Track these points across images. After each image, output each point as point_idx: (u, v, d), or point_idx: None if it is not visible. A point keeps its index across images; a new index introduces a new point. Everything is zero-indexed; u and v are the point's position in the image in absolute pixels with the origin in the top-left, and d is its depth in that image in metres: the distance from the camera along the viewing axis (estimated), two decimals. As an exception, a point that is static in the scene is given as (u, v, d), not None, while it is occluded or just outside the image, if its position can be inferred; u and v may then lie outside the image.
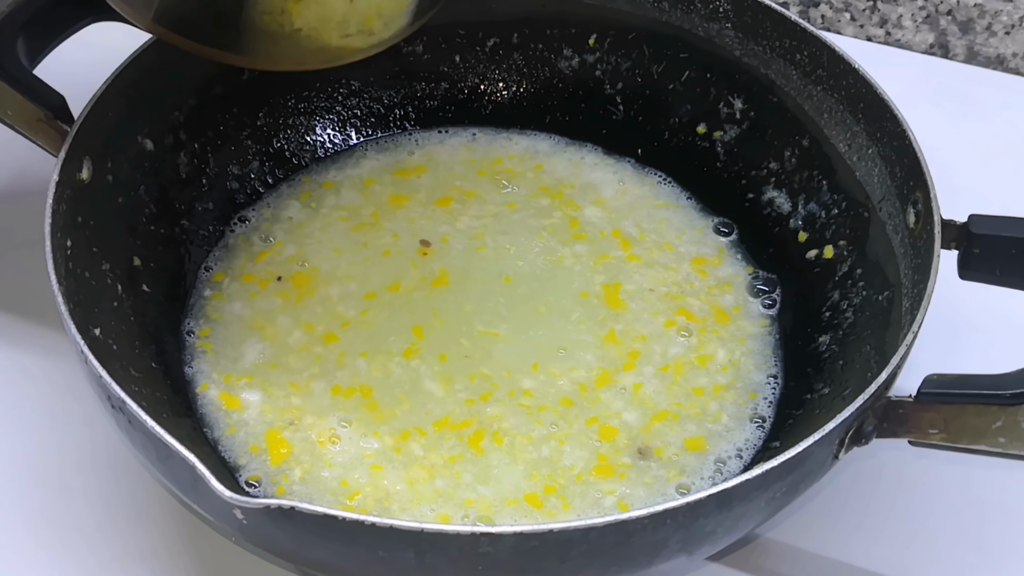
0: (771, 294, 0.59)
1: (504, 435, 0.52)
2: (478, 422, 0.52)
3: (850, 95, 0.56)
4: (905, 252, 0.52)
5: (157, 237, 0.57)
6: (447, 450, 0.51)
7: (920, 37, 0.76)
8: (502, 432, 0.52)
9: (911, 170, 0.52)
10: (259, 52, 0.50)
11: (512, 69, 0.66)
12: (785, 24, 0.59)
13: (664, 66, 0.64)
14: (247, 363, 0.55)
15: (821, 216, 0.59)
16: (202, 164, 0.60)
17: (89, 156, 0.52)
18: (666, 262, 0.60)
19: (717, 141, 0.63)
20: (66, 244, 0.49)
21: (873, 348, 0.51)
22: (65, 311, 0.46)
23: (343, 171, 0.65)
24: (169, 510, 0.53)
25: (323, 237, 0.61)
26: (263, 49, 0.49)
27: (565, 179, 0.65)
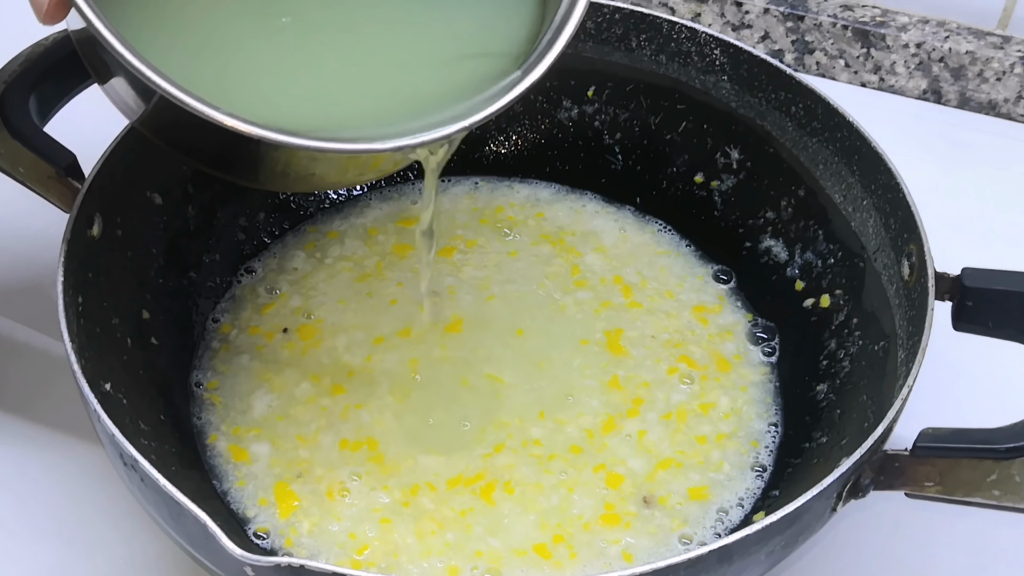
0: (770, 342, 0.60)
1: (516, 485, 0.53)
2: (491, 473, 0.53)
3: (845, 147, 0.57)
4: (900, 303, 0.52)
5: (166, 289, 0.58)
6: (459, 503, 0.52)
7: (913, 83, 0.77)
8: (514, 482, 0.53)
9: (905, 223, 0.53)
10: (269, 183, 0.51)
11: (513, 120, 0.68)
12: (780, 77, 0.60)
13: (662, 117, 0.65)
14: (255, 415, 0.56)
15: (817, 265, 0.60)
16: (210, 216, 0.61)
17: (99, 212, 0.53)
18: (667, 309, 0.61)
19: (715, 190, 0.64)
20: (77, 300, 0.50)
21: (870, 398, 0.52)
22: (78, 368, 0.47)
23: (347, 220, 0.66)
24: (178, 563, 0.53)
25: (328, 288, 0.62)
26: (273, 182, 0.50)
27: (566, 227, 0.66)
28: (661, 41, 0.63)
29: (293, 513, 0.52)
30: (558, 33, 0.45)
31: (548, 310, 0.61)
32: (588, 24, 0.63)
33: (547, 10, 0.48)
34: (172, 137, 0.47)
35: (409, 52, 0.47)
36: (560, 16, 0.46)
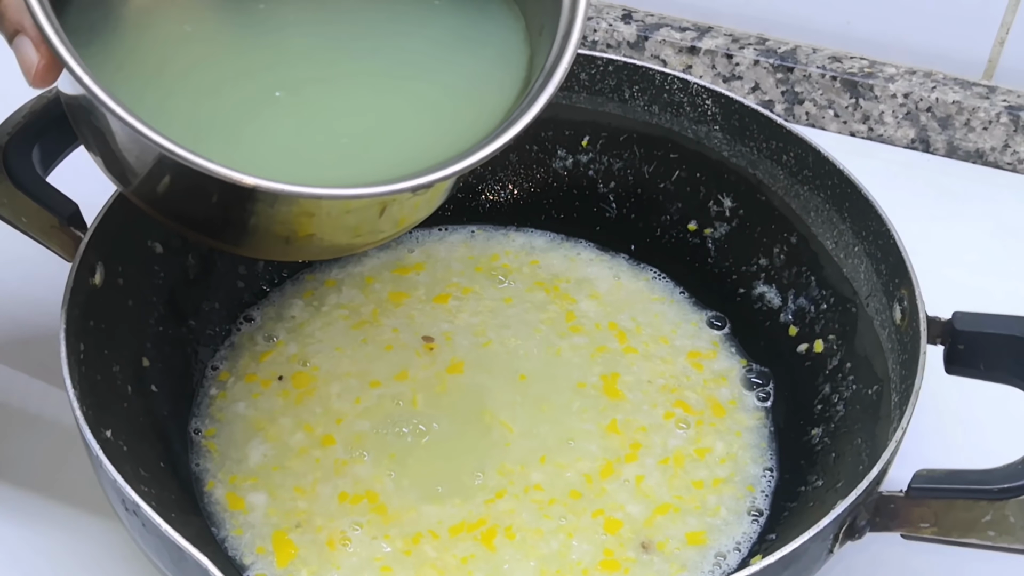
0: (765, 387, 0.60)
1: (516, 531, 0.53)
2: (492, 519, 0.53)
3: (835, 194, 0.58)
4: (893, 347, 0.53)
5: (165, 337, 0.59)
6: (460, 550, 0.52)
7: (902, 132, 0.79)
8: (515, 528, 0.53)
9: (896, 268, 0.54)
10: (261, 250, 0.50)
11: (509, 169, 0.69)
12: (771, 126, 0.61)
13: (655, 166, 0.66)
14: (251, 464, 0.56)
15: (810, 311, 0.60)
16: (209, 265, 0.62)
17: (101, 260, 0.54)
18: (662, 355, 0.62)
19: (708, 238, 0.65)
20: (79, 348, 0.51)
21: (864, 441, 0.52)
22: (80, 415, 0.47)
23: (345, 269, 0.66)
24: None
25: (324, 336, 0.62)
26: (266, 248, 0.49)
27: (561, 274, 0.66)
28: (654, 92, 0.64)
29: (291, 562, 0.52)
30: (546, 82, 0.46)
31: (545, 355, 0.61)
32: (582, 75, 0.64)
33: (535, 60, 0.48)
34: (169, 205, 0.46)
35: (399, 110, 0.47)
36: (549, 64, 0.46)
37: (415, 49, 0.49)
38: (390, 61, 0.48)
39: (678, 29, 0.81)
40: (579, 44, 0.46)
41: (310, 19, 0.48)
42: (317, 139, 0.45)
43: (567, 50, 0.46)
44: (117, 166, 0.45)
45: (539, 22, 0.48)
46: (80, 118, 0.46)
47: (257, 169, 0.41)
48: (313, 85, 0.46)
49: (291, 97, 0.46)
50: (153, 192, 0.45)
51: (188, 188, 0.43)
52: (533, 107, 0.44)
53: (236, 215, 0.45)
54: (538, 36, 0.48)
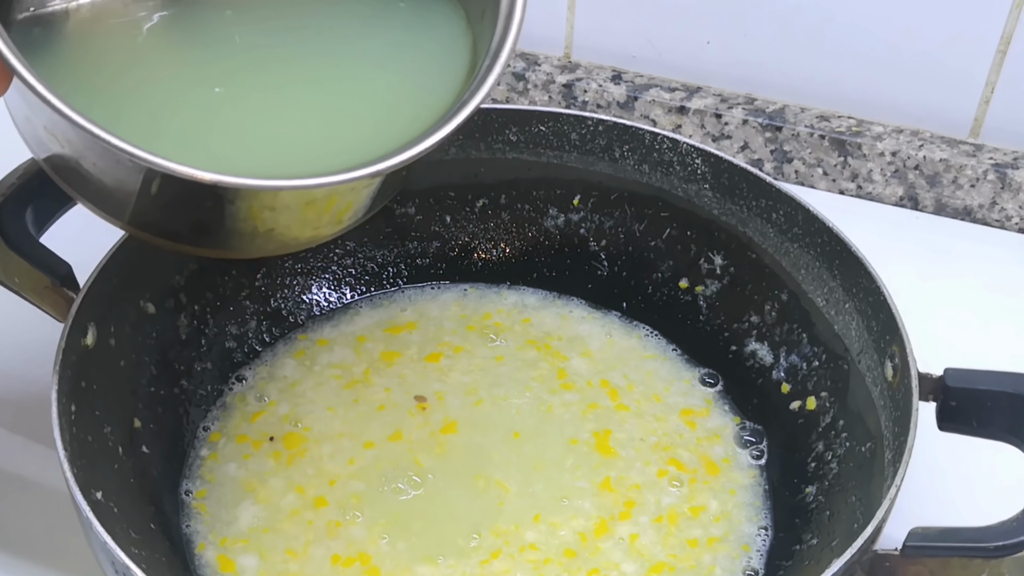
0: (758, 445, 0.60)
1: None
2: None
3: (825, 252, 0.59)
4: (885, 404, 0.53)
5: (157, 398, 0.59)
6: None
7: (890, 190, 0.79)
8: None
9: (887, 325, 0.54)
10: (232, 249, 0.51)
11: (500, 228, 0.69)
12: (760, 185, 0.62)
13: (646, 224, 0.66)
14: (242, 526, 0.55)
15: (803, 368, 0.61)
16: (202, 325, 0.62)
17: (93, 321, 0.54)
18: (655, 413, 0.62)
19: (699, 295, 0.66)
20: (70, 409, 0.51)
21: (858, 499, 0.52)
22: (71, 476, 0.47)
23: (337, 328, 0.66)
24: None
25: (316, 396, 0.62)
26: (236, 246, 0.50)
27: (553, 332, 0.67)
28: (644, 151, 0.65)
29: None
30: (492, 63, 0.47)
31: (537, 412, 0.61)
32: (573, 135, 0.65)
33: (479, 45, 0.49)
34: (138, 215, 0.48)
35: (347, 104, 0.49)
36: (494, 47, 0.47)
37: (359, 44, 0.50)
38: (334, 58, 0.50)
39: (667, 89, 0.82)
40: (523, 21, 0.47)
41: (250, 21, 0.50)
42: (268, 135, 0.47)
43: (510, 30, 0.46)
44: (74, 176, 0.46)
45: (480, 8, 0.49)
46: (31, 134, 0.47)
47: (216, 167, 0.42)
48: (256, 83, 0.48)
49: (239, 96, 0.48)
50: (117, 203, 0.47)
51: (151, 194, 0.44)
52: (481, 89, 0.45)
53: (202, 217, 0.47)
54: (480, 21, 0.49)
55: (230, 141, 0.46)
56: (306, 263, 0.67)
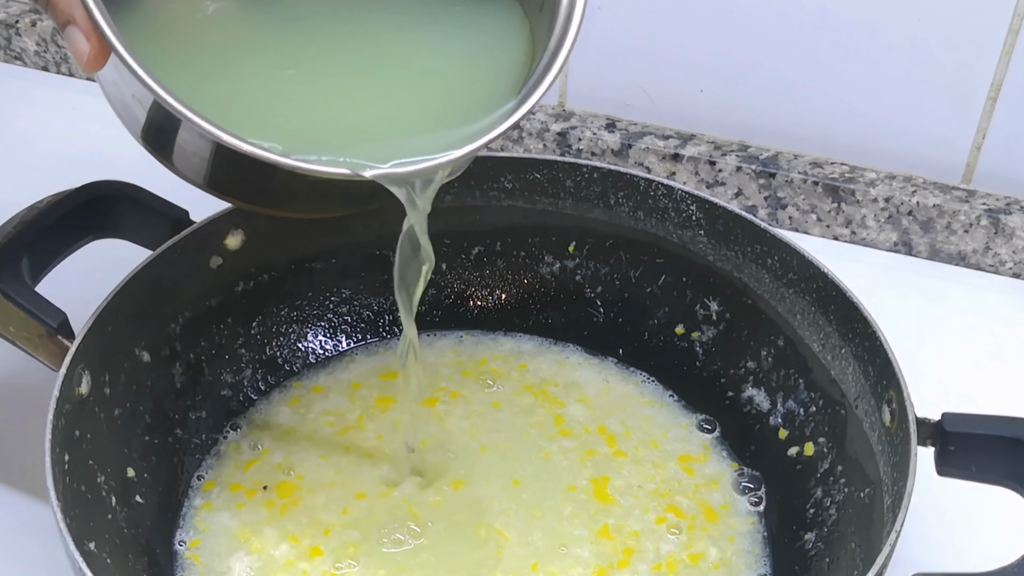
0: (757, 491, 0.60)
1: None
2: None
3: (820, 297, 0.59)
4: (883, 449, 0.53)
5: (151, 447, 0.58)
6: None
7: (884, 236, 0.80)
8: None
9: (883, 370, 0.54)
10: (300, 209, 0.55)
11: (496, 275, 0.69)
12: (755, 231, 0.62)
13: (641, 271, 0.67)
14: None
15: (800, 414, 0.60)
16: (197, 374, 0.62)
17: (88, 370, 0.54)
18: (653, 459, 0.62)
19: (695, 341, 0.66)
20: (64, 458, 0.50)
21: (858, 545, 0.52)
22: (64, 527, 0.46)
23: (332, 376, 0.66)
24: None
25: (309, 444, 0.62)
26: (304, 206, 0.55)
27: (549, 378, 0.66)
28: (639, 198, 0.65)
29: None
30: (551, 62, 0.49)
31: (535, 459, 0.61)
32: (567, 182, 0.65)
33: (536, 36, 0.52)
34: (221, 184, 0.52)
35: (409, 91, 0.51)
36: (553, 45, 0.49)
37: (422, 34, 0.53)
38: (397, 45, 0.53)
39: (661, 137, 0.82)
40: (584, 14, 0.50)
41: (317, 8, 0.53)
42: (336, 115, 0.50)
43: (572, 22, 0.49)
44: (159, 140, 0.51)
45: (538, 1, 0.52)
46: (117, 98, 0.50)
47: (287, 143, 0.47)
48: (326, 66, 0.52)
49: (310, 77, 0.51)
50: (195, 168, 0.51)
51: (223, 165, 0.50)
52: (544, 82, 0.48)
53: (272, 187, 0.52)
54: (538, 13, 0.52)
55: (300, 119, 0.49)
56: (302, 310, 0.67)
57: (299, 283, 0.66)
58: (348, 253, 0.67)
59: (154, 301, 0.59)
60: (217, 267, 0.62)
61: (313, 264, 0.66)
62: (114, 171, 0.62)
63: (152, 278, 0.58)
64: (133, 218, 0.61)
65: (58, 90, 0.92)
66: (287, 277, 0.65)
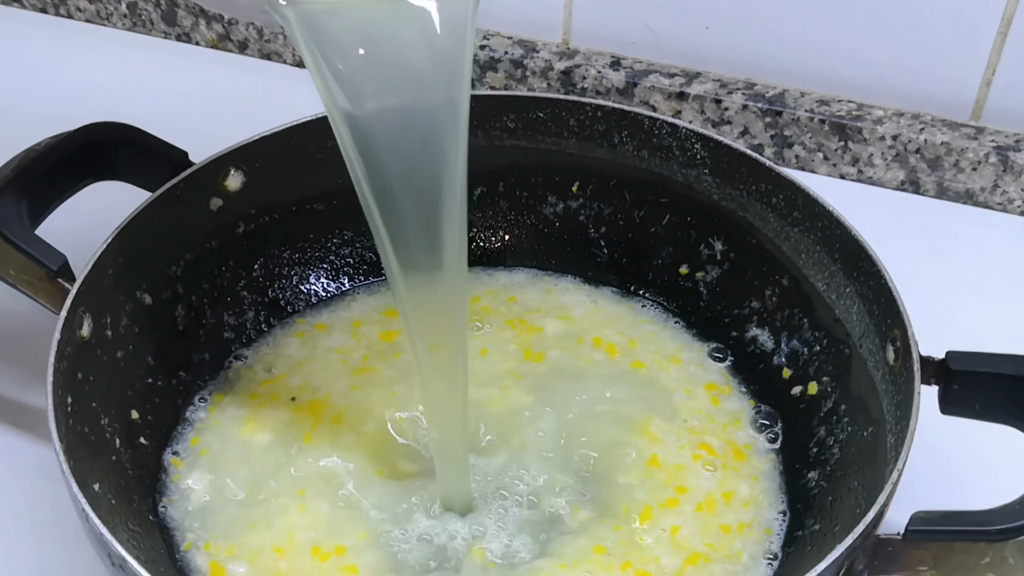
0: (773, 428, 0.60)
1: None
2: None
3: (826, 236, 0.58)
4: (887, 388, 0.53)
5: (155, 390, 0.58)
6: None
7: (891, 174, 0.79)
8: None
9: (888, 309, 0.53)
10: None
11: (498, 216, 0.69)
12: (760, 169, 0.61)
13: (645, 210, 0.66)
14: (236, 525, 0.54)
15: (804, 353, 0.60)
16: (199, 316, 0.62)
17: (89, 313, 0.54)
18: (681, 379, 0.61)
19: (699, 281, 0.65)
20: (67, 401, 0.50)
21: (860, 484, 0.52)
22: (67, 468, 0.46)
23: (335, 314, 0.66)
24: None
25: (325, 372, 0.62)
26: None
27: (533, 307, 0.66)
28: (643, 137, 0.64)
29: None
30: None
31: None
32: (571, 121, 0.65)
33: None
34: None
35: None
36: None
37: None
38: None
39: (666, 75, 0.81)
40: None
41: None
42: None
43: None
44: None
45: None
46: None
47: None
48: None
49: None
50: None
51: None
52: None
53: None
54: None
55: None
56: (304, 252, 0.66)
57: (300, 225, 0.65)
58: (350, 195, 0.65)
59: (154, 243, 0.58)
60: (217, 209, 0.62)
61: (314, 206, 0.65)
62: (113, 113, 0.62)
63: (152, 220, 0.58)
64: (132, 160, 0.61)
65: (56, 32, 0.91)
66: (288, 219, 0.65)
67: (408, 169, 0.44)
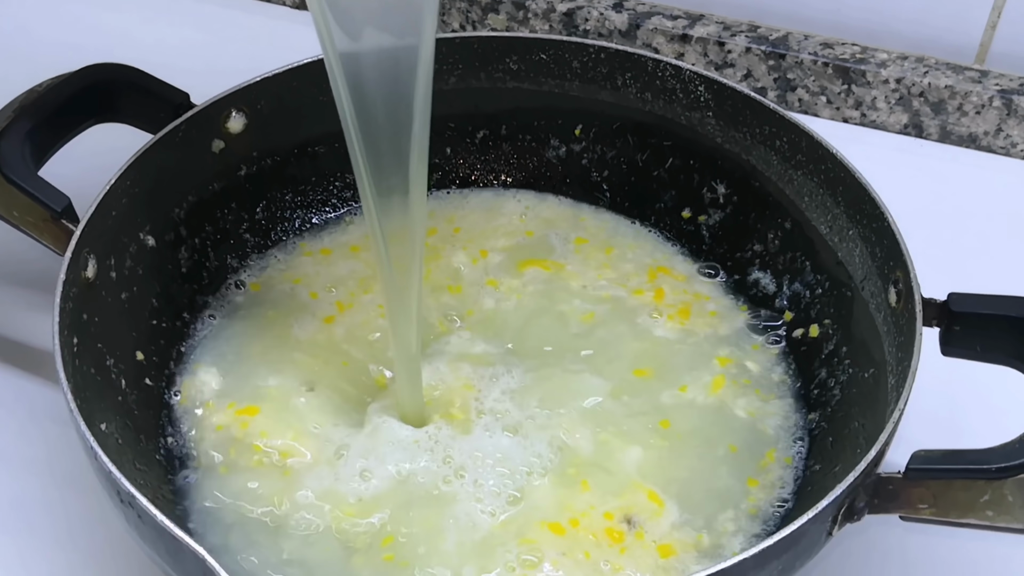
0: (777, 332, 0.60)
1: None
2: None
3: (829, 179, 0.58)
4: (888, 330, 0.53)
5: (160, 331, 0.59)
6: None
7: (894, 118, 0.79)
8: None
9: (891, 251, 0.54)
10: None
11: (501, 159, 0.68)
12: (764, 112, 0.61)
13: (648, 154, 0.66)
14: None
15: (806, 296, 0.60)
16: (202, 258, 0.62)
17: (94, 254, 0.54)
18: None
19: (702, 225, 0.65)
20: (72, 342, 0.51)
21: (861, 425, 0.52)
22: (74, 407, 0.47)
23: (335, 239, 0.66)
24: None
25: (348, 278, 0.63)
26: None
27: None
28: (646, 79, 0.64)
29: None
30: None
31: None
32: (574, 63, 0.64)
33: None
34: None
35: None
36: None
37: None
38: None
39: (669, 17, 0.81)
40: None
41: None
42: None
43: None
44: None
45: None
46: None
47: None
48: None
49: None
50: None
51: None
52: None
53: None
54: None
55: None
56: (305, 196, 0.66)
57: (302, 167, 0.65)
58: (352, 137, 0.66)
59: (157, 185, 0.58)
60: (219, 151, 0.61)
61: (316, 148, 0.65)
62: (114, 55, 0.62)
63: (154, 162, 0.58)
64: (134, 102, 0.60)
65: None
66: (290, 161, 0.65)
67: (388, 103, 0.48)
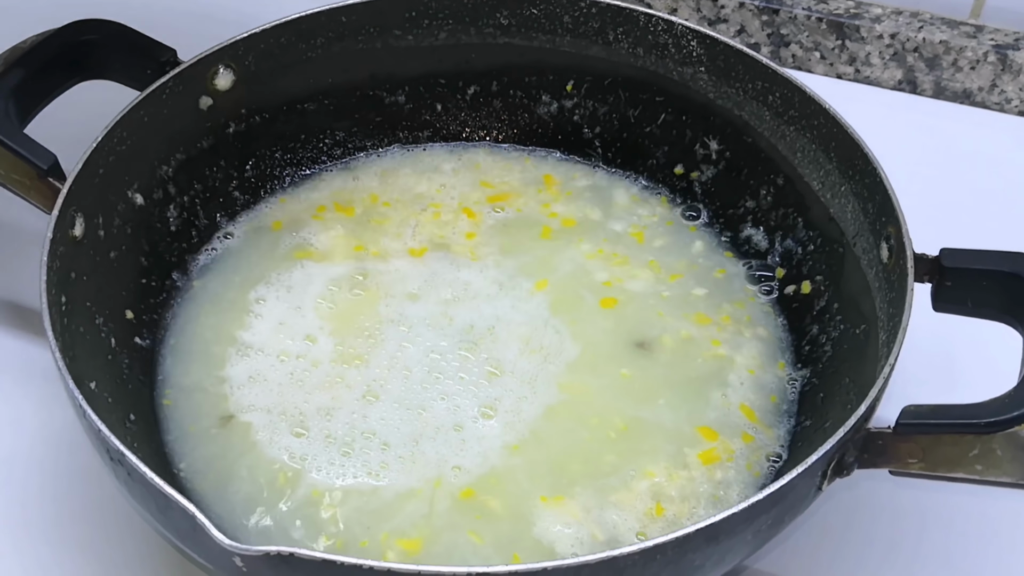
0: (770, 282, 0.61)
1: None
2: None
3: (821, 134, 0.58)
4: (880, 286, 0.53)
5: (149, 290, 0.58)
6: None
7: (888, 74, 0.78)
8: None
9: (883, 207, 0.53)
10: None
11: (492, 116, 0.68)
12: (756, 67, 0.60)
13: (640, 110, 0.65)
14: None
15: (797, 252, 0.60)
16: (192, 216, 0.62)
17: (81, 212, 0.53)
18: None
19: (695, 181, 0.65)
20: (61, 300, 0.50)
21: (852, 381, 0.52)
22: (63, 365, 0.46)
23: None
24: (167, 559, 0.53)
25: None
26: None
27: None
28: (638, 34, 0.63)
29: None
30: None
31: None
32: (565, 18, 0.64)
33: None
34: None
35: None
36: None
37: None
38: None
39: (662, -28, 0.80)
40: None
41: None
42: None
43: None
44: None
45: None
46: None
47: None
48: None
49: None
50: None
51: None
52: None
53: None
54: None
55: None
56: (295, 153, 0.66)
57: (291, 125, 0.65)
58: (340, 94, 0.65)
59: (144, 143, 0.58)
60: (207, 108, 0.61)
61: (305, 105, 0.65)
62: (99, 11, 0.61)
63: (141, 119, 0.57)
64: (120, 58, 0.60)
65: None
66: (279, 118, 0.64)
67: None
